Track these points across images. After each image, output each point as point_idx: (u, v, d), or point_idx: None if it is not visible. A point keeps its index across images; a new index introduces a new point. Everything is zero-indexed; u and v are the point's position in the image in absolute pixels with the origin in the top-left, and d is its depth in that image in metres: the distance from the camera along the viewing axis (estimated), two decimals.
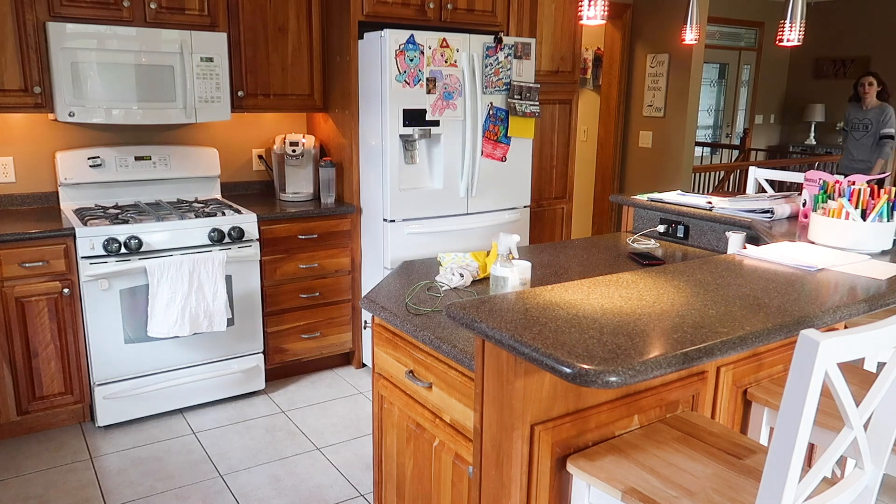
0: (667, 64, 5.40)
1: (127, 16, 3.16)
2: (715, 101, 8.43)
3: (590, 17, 2.43)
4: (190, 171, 3.65)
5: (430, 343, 1.72)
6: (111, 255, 2.99)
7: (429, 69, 3.42)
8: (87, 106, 3.09)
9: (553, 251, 2.63)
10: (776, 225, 2.50)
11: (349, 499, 2.69)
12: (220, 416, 3.31)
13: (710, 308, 1.49)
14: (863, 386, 1.81)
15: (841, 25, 8.29)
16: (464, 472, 1.69)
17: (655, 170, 5.61)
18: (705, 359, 1.28)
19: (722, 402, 1.82)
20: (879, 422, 1.33)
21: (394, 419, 2.00)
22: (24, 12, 2.97)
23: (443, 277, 2.15)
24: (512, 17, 4.00)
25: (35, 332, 2.95)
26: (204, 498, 2.67)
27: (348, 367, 3.90)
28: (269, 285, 3.48)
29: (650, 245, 2.79)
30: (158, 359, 3.19)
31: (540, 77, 4.16)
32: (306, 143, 3.79)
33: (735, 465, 1.44)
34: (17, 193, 3.37)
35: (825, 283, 1.71)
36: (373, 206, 3.59)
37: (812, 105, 8.59)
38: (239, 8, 3.45)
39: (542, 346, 1.25)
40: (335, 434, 3.16)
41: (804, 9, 2.91)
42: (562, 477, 1.52)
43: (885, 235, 2.05)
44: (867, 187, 2.10)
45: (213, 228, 3.20)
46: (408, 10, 3.57)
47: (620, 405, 1.59)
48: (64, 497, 2.65)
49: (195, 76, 3.30)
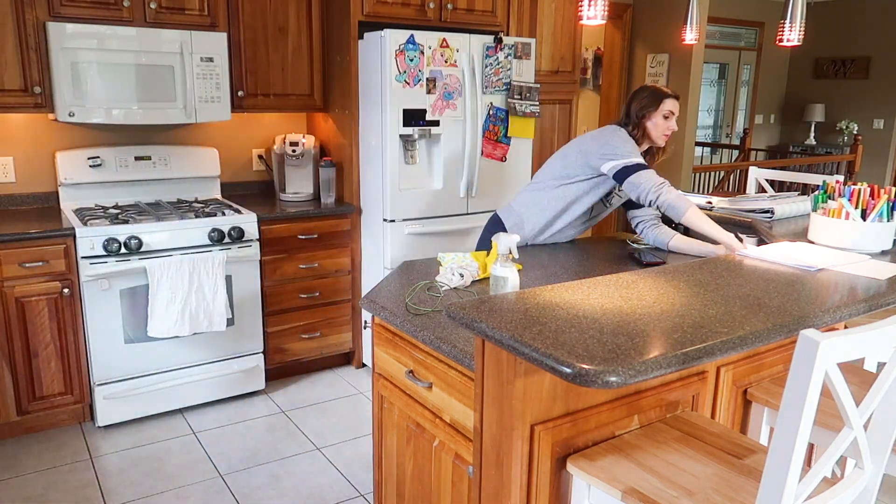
0: (667, 64, 5.40)
1: (127, 16, 3.16)
2: (715, 101, 8.44)
3: (590, 17, 2.43)
4: (190, 171, 3.64)
5: (430, 343, 1.72)
6: (111, 255, 2.99)
7: (429, 69, 3.42)
8: (87, 106, 3.09)
9: (553, 251, 2.63)
10: (776, 225, 2.50)
11: (349, 499, 2.69)
12: (220, 416, 3.31)
13: (710, 308, 1.49)
14: (863, 386, 1.81)
15: (841, 25, 8.29)
16: (464, 472, 1.69)
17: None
18: (705, 359, 1.28)
19: (722, 402, 1.82)
20: (879, 422, 1.33)
21: (394, 419, 2.00)
22: (24, 12, 2.97)
23: (443, 277, 2.15)
24: (512, 17, 3.99)
25: (35, 333, 2.95)
26: (204, 498, 2.67)
27: (348, 367, 3.90)
28: (269, 285, 3.48)
29: (650, 245, 2.79)
30: (158, 359, 3.19)
31: (540, 77, 4.15)
32: (306, 143, 3.79)
33: (735, 465, 1.44)
34: (17, 193, 3.38)
35: (825, 283, 1.71)
36: (373, 206, 3.59)
37: (812, 105, 8.59)
38: (239, 8, 3.45)
39: (542, 346, 1.25)
40: (335, 434, 3.16)
41: (804, 9, 2.91)
42: (562, 477, 1.52)
43: (885, 235, 2.05)
44: (867, 187, 2.10)
45: (213, 228, 3.20)
46: (408, 10, 3.57)
47: (620, 405, 1.59)
48: (64, 497, 2.64)
49: (195, 76, 3.30)
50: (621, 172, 2.49)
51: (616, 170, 2.49)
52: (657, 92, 2.57)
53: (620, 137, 2.55)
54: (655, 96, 2.55)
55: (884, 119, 8.12)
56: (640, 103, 2.57)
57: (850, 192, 2.11)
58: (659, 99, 2.54)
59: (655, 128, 2.56)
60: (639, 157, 2.51)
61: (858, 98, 8.28)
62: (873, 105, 8.17)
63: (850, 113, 8.39)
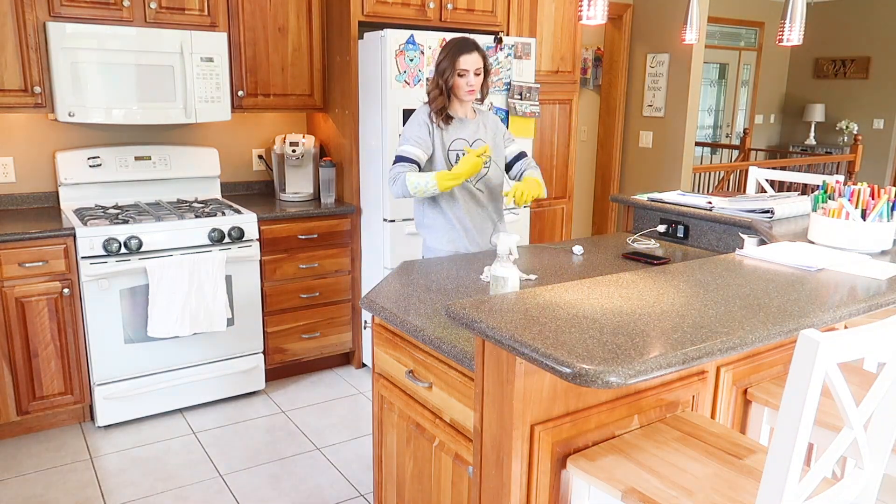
0: (667, 64, 5.40)
1: (127, 16, 3.16)
2: (715, 101, 8.43)
3: (590, 17, 2.43)
4: (190, 171, 3.64)
5: (430, 343, 1.72)
6: (111, 255, 2.99)
7: (429, 69, 3.42)
8: (86, 106, 3.09)
9: (553, 251, 2.63)
10: (776, 225, 2.50)
11: (349, 499, 2.69)
12: (220, 416, 3.31)
13: (710, 308, 1.49)
14: (863, 386, 1.81)
15: (841, 25, 8.29)
16: (464, 472, 1.69)
17: (655, 170, 5.61)
18: (705, 359, 1.28)
19: (722, 402, 1.82)
20: (879, 422, 1.33)
21: (394, 419, 2.00)
22: (25, 12, 2.97)
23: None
24: (512, 17, 3.99)
25: (35, 332, 2.95)
26: (204, 498, 2.66)
27: (348, 367, 3.90)
28: (269, 285, 3.48)
29: (650, 245, 2.79)
30: (158, 359, 3.19)
31: (540, 77, 4.15)
32: (306, 143, 3.79)
33: (735, 465, 1.44)
34: (17, 193, 3.37)
35: (825, 283, 1.71)
36: (373, 206, 3.59)
37: (812, 105, 8.59)
38: (239, 8, 3.45)
39: (542, 346, 1.25)
40: (335, 434, 3.16)
41: (804, 9, 2.91)
42: (562, 477, 1.52)
43: (885, 235, 2.05)
44: (867, 187, 2.10)
45: (212, 228, 3.20)
46: (408, 11, 3.57)
47: (620, 405, 1.59)
48: (64, 497, 2.64)
49: (195, 76, 3.30)
50: None
51: None
52: (452, 48, 2.54)
53: (411, 121, 2.60)
54: (452, 53, 2.53)
55: (884, 119, 8.12)
56: (440, 66, 2.56)
57: (850, 192, 2.11)
58: (455, 56, 2.52)
59: (458, 88, 2.56)
60: (406, 146, 2.55)
61: (858, 98, 8.28)
62: (873, 105, 8.17)
63: (850, 113, 8.39)
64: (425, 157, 2.57)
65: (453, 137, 2.60)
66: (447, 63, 2.53)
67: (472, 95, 2.58)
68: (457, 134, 2.61)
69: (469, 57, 2.52)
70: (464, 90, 2.55)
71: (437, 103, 2.57)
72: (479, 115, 2.70)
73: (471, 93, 2.56)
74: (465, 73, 2.52)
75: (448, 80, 2.54)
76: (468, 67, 2.52)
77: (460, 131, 2.62)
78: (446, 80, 2.54)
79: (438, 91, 2.56)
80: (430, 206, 2.66)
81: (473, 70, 2.53)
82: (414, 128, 2.58)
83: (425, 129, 2.57)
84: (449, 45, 2.56)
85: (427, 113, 2.59)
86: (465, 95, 2.56)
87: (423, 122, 2.57)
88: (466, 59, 2.51)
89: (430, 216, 2.67)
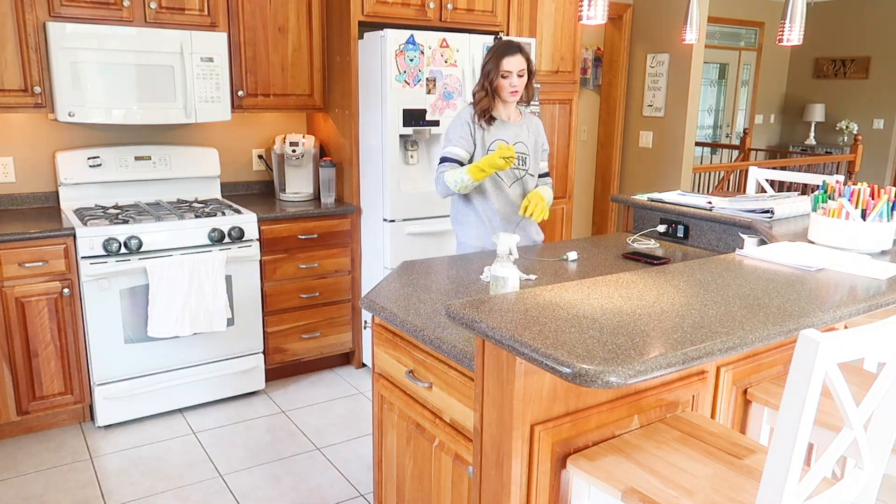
0: (667, 64, 5.40)
1: (127, 16, 3.16)
2: (715, 101, 8.43)
3: (590, 17, 2.43)
4: (190, 171, 3.64)
5: (430, 343, 1.72)
6: (111, 255, 2.99)
7: (429, 69, 3.42)
8: (86, 106, 3.09)
9: (553, 251, 2.63)
10: (776, 225, 2.50)
11: (349, 499, 2.69)
12: (220, 416, 3.31)
13: (710, 308, 1.49)
14: (863, 386, 1.81)
15: (841, 25, 8.29)
16: (464, 472, 1.69)
17: (655, 170, 5.61)
18: (705, 359, 1.28)
19: (722, 402, 1.82)
20: (879, 422, 1.33)
21: (394, 419, 2.00)
22: (24, 12, 2.97)
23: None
24: (512, 17, 3.99)
25: (35, 332, 2.95)
26: (204, 498, 2.66)
27: (348, 367, 3.90)
28: (269, 285, 3.48)
29: (650, 245, 2.79)
30: (158, 359, 3.19)
31: (540, 77, 4.15)
32: (306, 143, 3.79)
33: (735, 465, 1.44)
34: (17, 193, 3.37)
35: (825, 283, 1.71)
36: (372, 206, 3.59)
37: (812, 105, 8.59)
38: (239, 8, 3.45)
39: (542, 346, 1.25)
40: (335, 434, 3.16)
41: (804, 9, 2.91)
42: (562, 477, 1.52)
43: (885, 235, 2.05)
44: (867, 187, 2.10)
45: (212, 228, 3.20)
46: (408, 10, 3.57)
47: (620, 405, 1.59)
48: (64, 497, 2.64)
49: (195, 76, 3.30)
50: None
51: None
52: (497, 51, 2.60)
53: (454, 122, 2.69)
54: (496, 56, 2.59)
55: (884, 119, 8.12)
56: (485, 67, 2.63)
57: (850, 192, 2.11)
58: (499, 58, 2.59)
59: (502, 89, 2.63)
60: (450, 147, 2.65)
61: (858, 98, 8.28)
62: (873, 105, 8.16)
63: (850, 113, 8.39)
64: (467, 155, 2.65)
65: (494, 138, 2.67)
66: (492, 65, 2.60)
67: (515, 96, 2.64)
68: (498, 135, 2.67)
69: (512, 59, 2.58)
70: (507, 91, 2.61)
71: (482, 104, 2.65)
72: (523, 118, 2.77)
73: (514, 94, 2.63)
74: (508, 74, 2.59)
75: (493, 81, 2.61)
76: (511, 69, 2.58)
77: (501, 132, 2.68)
78: (491, 81, 2.61)
79: (484, 92, 2.64)
80: (463, 202, 2.74)
81: (517, 71, 2.59)
82: (456, 128, 2.67)
83: (467, 128, 2.65)
84: (494, 48, 2.63)
85: (470, 113, 2.67)
86: (509, 96, 2.63)
87: (465, 122, 2.66)
88: (510, 61, 2.58)
89: (462, 213, 2.76)
